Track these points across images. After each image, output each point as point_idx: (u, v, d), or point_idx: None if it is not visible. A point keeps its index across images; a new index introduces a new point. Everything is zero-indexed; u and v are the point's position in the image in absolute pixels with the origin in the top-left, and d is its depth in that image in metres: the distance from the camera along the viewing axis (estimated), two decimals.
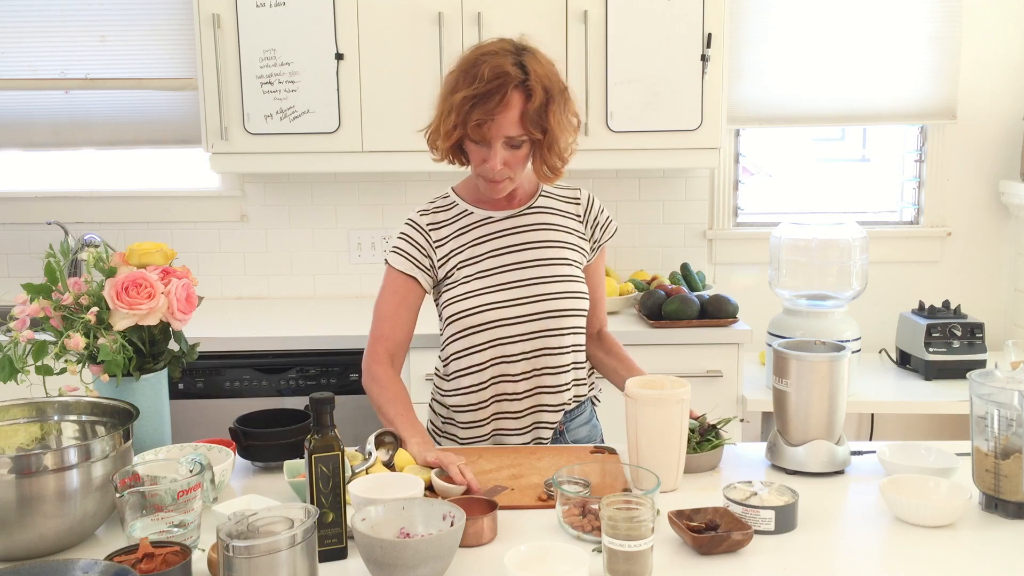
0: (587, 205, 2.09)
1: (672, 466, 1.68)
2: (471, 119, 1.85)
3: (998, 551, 1.48)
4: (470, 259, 2.00)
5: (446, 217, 2.04)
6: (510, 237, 2.01)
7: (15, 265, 3.59)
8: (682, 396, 1.68)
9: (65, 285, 1.77)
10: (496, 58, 1.85)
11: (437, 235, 2.02)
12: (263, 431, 1.83)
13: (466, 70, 1.86)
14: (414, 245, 2.02)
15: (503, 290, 1.97)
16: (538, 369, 2.00)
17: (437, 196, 2.09)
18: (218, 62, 3.12)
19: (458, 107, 1.85)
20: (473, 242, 2.01)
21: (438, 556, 1.34)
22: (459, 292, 1.98)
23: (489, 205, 2.04)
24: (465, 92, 1.84)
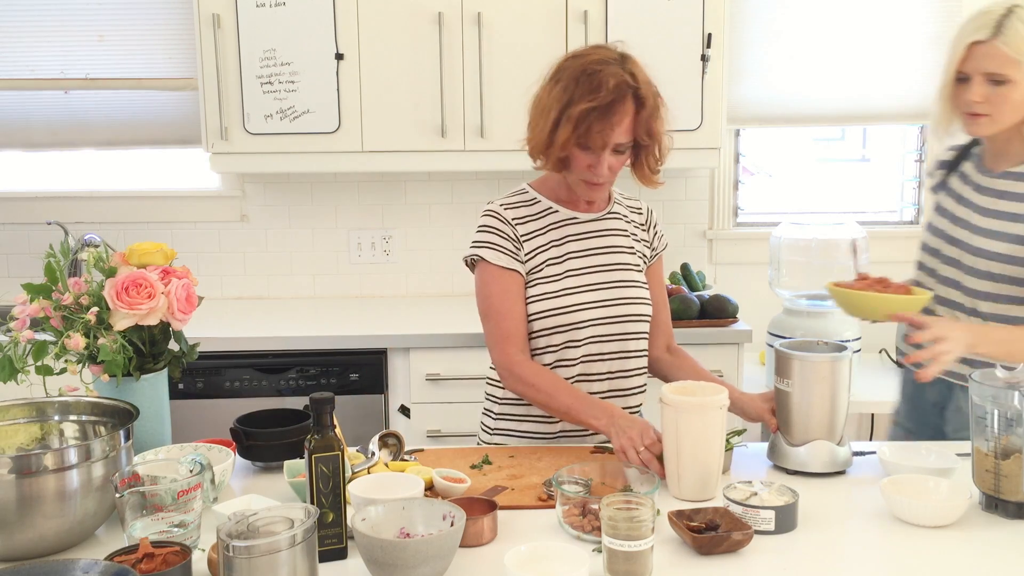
0: (648, 215, 2.16)
1: (713, 473, 1.67)
2: (593, 129, 1.86)
3: (998, 551, 1.48)
4: (558, 257, 2.01)
5: (530, 213, 2.04)
6: (595, 239, 2.04)
7: (15, 265, 3.59)
8: (722, 402, 1.67)
9: (65, 285, 1.77)
10: (611, 67, 1.87)
11: (524, 229, 2.02)
12: (263, 431, 1.83)
13: (580, 80, 1.87)
14: (505, 237, 2.01)
15: (590, 291, 1.99)
16: (613, 372, 2.02)
17: (514, 191, 2.08)
18: (218, 62, 3.12)
19: (578, 118, 1.86)
20: (560, 240, 2.02)
21: (438, 556, 1.34)
22: (549, 289, 1.98)
23: (573, 206, 2.05)
24: (586, 104, 1.85)
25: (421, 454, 1.91)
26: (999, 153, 2.03)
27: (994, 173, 2.03)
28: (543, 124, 1.91)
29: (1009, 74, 1.90)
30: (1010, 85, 1.91)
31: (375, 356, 3.02)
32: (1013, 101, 1.92)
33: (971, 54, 1.92)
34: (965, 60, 1.93)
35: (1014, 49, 1.88)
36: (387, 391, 3.04)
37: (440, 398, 3.02)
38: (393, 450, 1.79)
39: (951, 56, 1.97)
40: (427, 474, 1.68)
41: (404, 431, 2.83)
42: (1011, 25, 1.89)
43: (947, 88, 1.98)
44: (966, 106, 1.95)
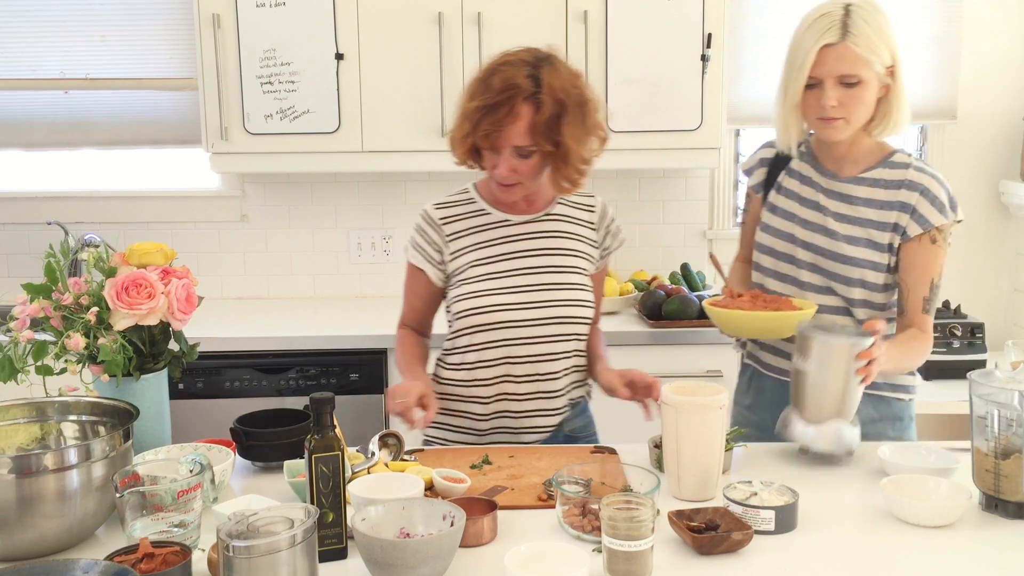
0: (601, 212, 2.13)
1: (713, 474, 1.67)
2: (480, 128, 1.88)
3: (998, 551, 1.48)
4: (484, 259, 2.02)
5: (462, 212, 2.06)
6: (526, 242, 2.04)
7: (15, 265, 3.59)
8: (722, 402, 1.67)
9: (65, 285, 1.77)
10: (511, 69, 1.87)
11: (451, 228, 2.05)
12: (263, 431, 1.83)
13: (482, 79, 1.90)
14: (426, 239, 2.07)
15: (514, 293, 1.99)
16: (541, 374, 2.02)
17: (457, 190, 2.11)
18: (218, 62, 3.12)
19: (470, 115, 1.89)
20: (489, 242, 2.03)
21: (438, 556, 1.34)
22: (472, 290, 2.00)
23: (508, 208, 2.06)
24: (477, 102, 1.87)
25: (421, 454, 1.91)
26: (844, 156, 2.01)
27: (842, 177, 2.02)
28: (454, 125, 1.96)
29: (861, 74, 1.88)
30: (862, 85, 1.89)
31: (375, 356, 3.02)
32: (866, 101, 1.90)
33: (822, 58, 1.88)
34: (816, 65, 1.89)
35: (864, 48, 1.86)
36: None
37: None
38: (393, 450, 1.79)
39: (800, 62, 1.90)
40: (427, 474, 1.68)
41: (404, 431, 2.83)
42: (856, 24, 1.87)
43: (795, 96, 1.93)
44: (819, 111, 1.91)
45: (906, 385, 2.08)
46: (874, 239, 1.98)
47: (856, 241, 1.99)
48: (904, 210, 1.97)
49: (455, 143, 1.97)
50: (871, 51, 1.87)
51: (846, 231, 1.99)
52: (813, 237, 2.02)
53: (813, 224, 2.03)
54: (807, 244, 2.03)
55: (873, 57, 1.87)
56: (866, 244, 1.98)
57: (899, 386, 2.07)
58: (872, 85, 1.90)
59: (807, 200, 2.05)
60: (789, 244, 2.06)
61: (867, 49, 1.87)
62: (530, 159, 1.91)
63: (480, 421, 2.06)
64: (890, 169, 2.01)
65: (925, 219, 1.96)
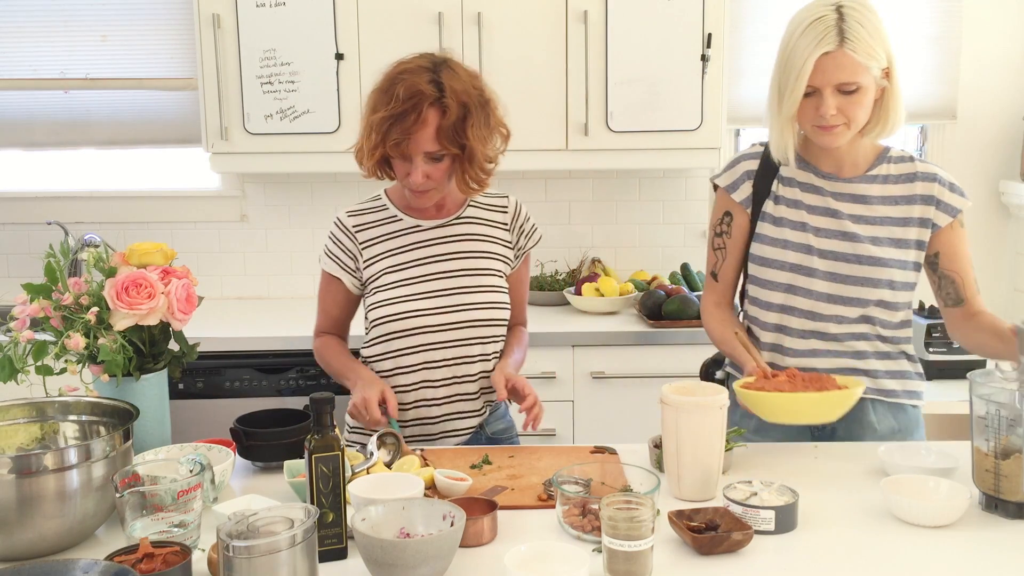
0: (514, 212, 2.14)
1: (713, 474, 1.67)
2: (390, 138, 1.89)
3: (998, 551, 1.48)
4: (397, 265, 2.04)
5: (374, 219, 2.08)
6: (437, 247, 2.06)
7: (15, 265, 3.59)
8: (722, 402, 1.66)
9: (65, 285, 1.77)
10: (412, 76, 1.89)
11: (364, 236, 2.07)
12: (263, 431, 1.83)
13: (384, 90, 1.91)
14: (339, 247, 2.10)
15: (428, 298, 2.01)
16: (458, 377, 2.04)
17: (369, 197, 2.13)
18: (218, 62, 3.12)
19: (377, 127, 1.90)
20: (401, 249, 2.05)
21: (438, 556, 1.34)
22: (386, 297, 2.02)
23: (418, 213, 2.08)
24: (383, 112, 1.88)
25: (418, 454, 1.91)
26: (842, 157, 1.97)
27: (847, 178, 1.98)
28: (361, 139, 1.96)
29: (860, 81, 1.83)
30: (860, 91, 1.84)
31: None
32: (865, 106, 1.86)
33: (820, 67, 1.82)
34: (814, 74, 1.83)
35: (863, 54, 1.81)
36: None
37: None
38: (391, 449, 1.79)
39: (797, 71, 1.84)
40: (428, 474, 1.68)
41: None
42: (852, 28, 1.81)
43: (793, 106, 1.87)
44: (818, 120, 1.87)
45: (919, 391, 2.05)
46: (897, 236, 1.94)
47: (880, 241, 1.94)
48: (928, 203, 1.95)
49: (362, 156, 1.97)
50: (869, 56, 1.82)
51: (868, 232, 1.94)
52: (831, 244, 1.95)
53: (829, 231, 1.96)
54: (825, 252, 1.95)
55: (871, 62, 1.83)
56: (890, 243, 1.94)
57: (914, 392, 2.04)
58: (870, 90, 1.86)
59: (815, 207, 1.98)
60: (804, 255, 1.97)
61: (865, 55, 1.82)
62: (441, 163, 1.93)
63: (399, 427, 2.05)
64: (894, 164, 1.99)
65: (951, 206, 1.95)
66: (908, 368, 2.04)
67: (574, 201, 3.62)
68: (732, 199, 2.06)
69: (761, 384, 1.82)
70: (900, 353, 2.03)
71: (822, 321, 1.98)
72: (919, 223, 1.95)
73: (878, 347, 2.00)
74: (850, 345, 1.99)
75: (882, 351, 2.00)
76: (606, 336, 3.02)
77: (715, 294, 2.12)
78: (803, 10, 1.88)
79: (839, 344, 1.99)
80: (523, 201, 2.19)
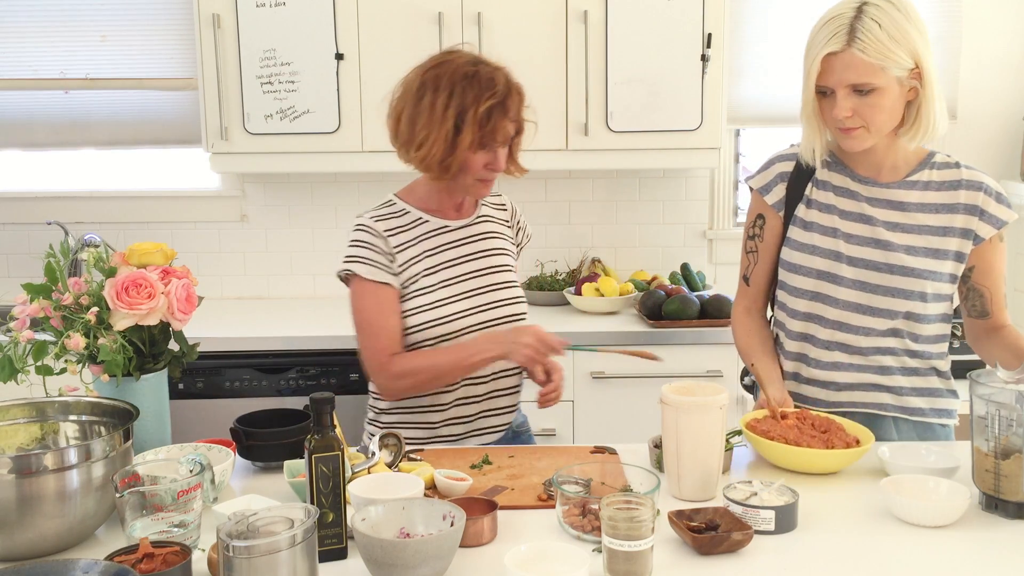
0: (512, 210, 2.18)
1: (713, 474, 1.66)
2: (497, 126, 1.90)
3: (998, 551, 1.48)
4: (432, 268, 2.02)
5: (400, 224, 2.05)
6: (466, 246, 2.06)
7: (15, 265, 3.59)
8: (722, 402, 1.66)
9: (65, 285, 1.77)
10: (485, 66, 1.93)
11: (396, 241, 2.02)
12: (263, 431, 1.83)
13: (468, 82, 1.89)
14: (378, 251, 2.00)
15: (467, 298, 2.01)
16: (496, 373, 2.04)
17: (381, 204, 2.09)
18: (218, 62, 3.12)
19: (482, 118, 1.88)
20: (434, 250, 2.03)
21: (438, 556, 1.34)
22: (427, 301, 2.00)
23: (442, 214, 2.07)
24: (488, 102, 1.88)
25: (421, 455, 1.91)
26: (880, 161, 1.90)
27: (885, 183, 1.91)
28: (437, 135, 1.90)
29: (874, 82, 1.75)
30: (878, 92, 1.76)
31: None
32: (886, 108, 1.78)
33: (828, 67, 1.76)
34: (823, 74, 1.77)
35: (873, 55, 1.73)
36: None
37: None
38: (393, 450, 1.79)
39: (807, 70, 1.79)
40: (428, 473, 1.68)
41: None
42: (867, 28, 1.73)
43: (808, 104, 1.83)
44: (836, 122, 1.80)
45: (950, 410, 1.99)
46: (934, 246, 1.86)
47: (915, 251, 1.86)
48: (972, 212, 1.86)
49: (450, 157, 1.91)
50: (883, 56, 1.73)
51: (903, 240, 1.87)
52: (863, 252, 1.89)
53: (861, 237, 1.90)
54: (855, 260, 1.89)
55: (887, 62, 1.74)
56: (926, 253, 1.86)
57: (944, 411, 1.98)
58: (891, 91, 1.77)
59: (849, 212, 1.91)
60: (832, 262, 1.91)
61: (877, 55, 1.73)
62: (505, 149, 1.97)
63: (429, 429, 2.05)
64: (937, 170, 1.90)
65: (996, 218, 1.87)
66: (939, 386, 1.97)
67: (574, 201, 3.62)
68: (764, 201, 2.02)
69: (768, 427, 1.80)
70: (930, 369, 1.96)
71: (849, 332, 1.93)
72: (961, 234, 1.87)
73: (905, 363, 1.94)
74: (875, 360, 1.93)
75: (910, 367, 1.94)
76: (606, 336, 3.02)
77: (746, 299, 2.09)
78: (830, 8, 1.82)
79: (864, 358, 1.93)
80: (523, 201, 2.21)
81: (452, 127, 1.90)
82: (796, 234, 1.97)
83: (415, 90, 1.95)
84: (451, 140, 1.91)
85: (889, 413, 1.96)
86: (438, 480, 1.66)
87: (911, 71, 1.78)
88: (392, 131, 2.02)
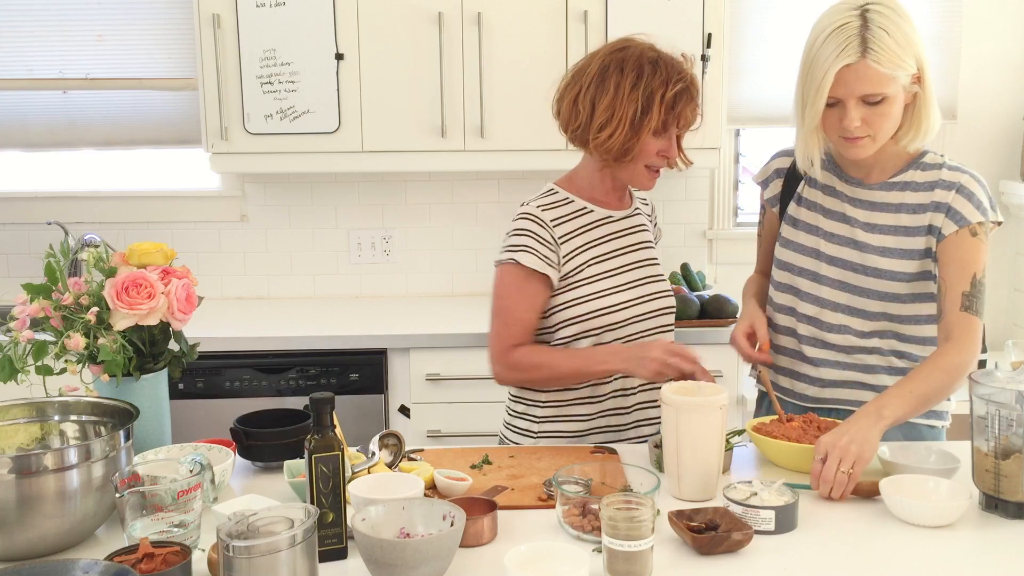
0: (651, 205, 2.21)
1: (713, 473, 1.66)
2: (685, 110, 1.92)
3: (998, 551, 1.48)
4: (598, 257, 2.01)
5: (566, 213, 2.02)
6: (628, 236, 2.06)
7: (15, 265, 3.59)
8: (722, 402, 1.66)
9: (65, 285, 1.77)
10: (669, 54, 1.93)
11: (561, 231, 1.99)
12: (263, 431, 1.83)
13: (654, 68, 1.89)
14: (542, 242, 1.97)
15: (627, 289, 2.01)
16: None
17: (544, 192, 2.06)
18: (218, 62, 3.12)
19: (671, 102, 1.89)
20: (599, 240, 2.03)
21: (438, 556, 1.34)
22: (591, 291, 1.98)
23: (606, 204, 2.06)
24: (677, 87, 1.89)
25: (421, 454, 1.91)
26: (872, 163, 1.90)
27: (868, 184, 1.91)
28: (622, 115, 1.88)
29: (885, 92, 1.74)
30: (887, 101, 1.76)
31: (375, 356, 3.02)
32: (893, 115, 1.78)
33: (841, 79, 1.74)
34: (835, 86, 1.75)
35: (888, 65, 1.72)
36: (387, 391, 3.04)
37: (440, 398, 3.02)
38: (393, 450, 1.79)
39: (818, 84, 1.77)
40: (428, 473, 1.68)
41: (404, 431, 2.83)
42: (877, 37, 1.72)
43: (815, 118, 1.81)
44: (843, 131, 1.79)
45: (939, 411, 1.97)
46: (906, 247, 1.86)
47: (889, 252, 1.87)
48: (938, 209, 1.84)
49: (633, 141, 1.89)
50: (895, 66, 1.73)
51: (878, 242, 1.88)
52: (840, 251, 1.91)
53: (840, 237, 1.92)
54: (834, 259, 1.92)
55: (898, 72, 1.73)
56: (899, 255, 1.87)
57: (932, 412, 1.94)
58: (898, 98, 1.77)
59: (832, 211, 1.94)
60: (813, 260, 1.94)
61: (890, 65, 1.72)
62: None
63: (583, 421, 2.03)
64: (922, 171, 1.89)
65: (960, 215, 1.82)
66: None
67: None
68: (763, 196, 2.11)
69: (771, 428, 1.82)
70: None
71: (832, 332, 1.94)
72: (927, 231, 1.86)
73: (892, 362, 1.93)
74: (860, 358, 1.93)
75: (896, 367, 1.93)
76: None
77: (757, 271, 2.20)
78: (827, 13, 1.80)
79: (848, 356, 1.94)
80: None
81: (639, 109, 1.88)
82: (785, 231, 2.02)
83: (596, 72, 1.92)
84: (636, 122, 1.89)
85: None
86: (438, 480, 1.66)
87: (913, 76, 1.79)
88: (566, 114, 1.97)
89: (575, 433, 2.03)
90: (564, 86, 2.00)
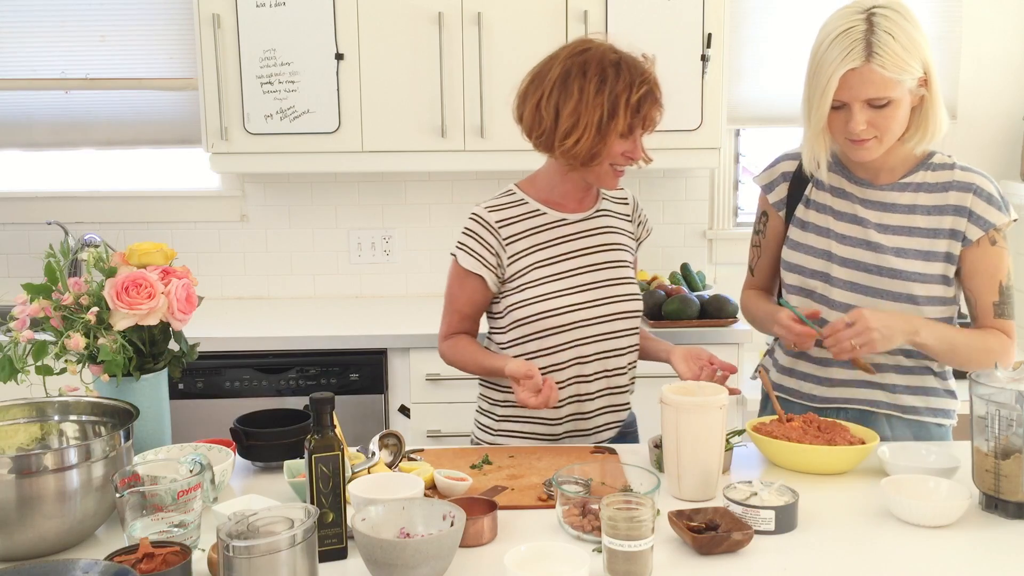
0: (634, 204, 2.16)
1: (713, 474, 1.66)
2: (649, 113, 1.91)
3: (998, 551, 1.48)
4: (546, 260, 2.00)
5: (516, 214, 2.03)
6: (583, 240, 2.04)
7: (15, 265, 3.59)
8: (722, 402, 1.66)
9: (65, 285, 1.77)
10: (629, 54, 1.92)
11: (508, 232, 2.01)
12: (263, 431, 1.83)
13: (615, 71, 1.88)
14: (481, 243, 2.00)
15: (581, 292, 2.00)
16: (608, 370, 2.03)
17: (501, 193, 2.07)
18: (218, 62, 3.12)
19: (635, 106, 1.88)
20: (549, 243, 2.02)
21: (438, 556, 1.34)
22: (538, 293, 1.99)
23: (561, 207, 2.05)
24: (643, 88, 1.88)
25: (421, 454, 1.91)
26: (880, 165, 1.90)
27: (879, 185, 1.92)
28: (587, 121, 1.87)
29: (891, 95, 1.75)
30: (893, 104, 1.76)
31: (375, 356, 3.02)
32: (899, 118, 1.79)
33: (846, 83, 1.75)
34: (840, 89, 1.76)
35: (893, 69, 1.73)
36: (387, 391, 3.04)
37: (440, 398, 3.02)
38: (393, 450, 1.79)
39: (823, 87, 1.77)
40: (428, 473, 1.68)
41: (404, 431, 2.83)
42: (882, 41, 1.72)
43: (820, 121, 1.81)
44: (849, 134, 1.80)
45: (947, 410, 1.98)
46: (924, 248, 1.86)
47: (905, 253, 1.87)
48: (960, 214, 1.85)
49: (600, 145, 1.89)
50: (900, 70, 1.73)
51: (893, 243, 1.88)
52: (853, 253, 1.91)
53: (852, 239, 1.91)
54: (846, 261, 1.91)
55: (904, 76, 1.74)
56: (916, 255, 1.87)
57: (940, 411, 1.97)
58: (904, 101, 1.78)
59: (842, 213, 1.93)
60: (824, 262, 1.94)
61: (895, 69, 1.73)
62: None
63: (553, 425, 2.05)
64: (932, 172, 1.90)
65: (984, 219, 1.84)
66: (935, 385, 1.96)
67: None
68: (767, 199, 2.07)
69: (771, 428, 1.83)
70: (925, 369, 1.95)
71: None
72: (950, 235, 1.86)
73: (900, 361, 1.94)
74: (869, 358, 1.92)
75: (904, 366, 1.94)
76: None
77: (751, 287, 2.17)
78: (834, 16, 1.80)
79: None
80: None
81: (604, 114, 1.87)
82: (794, 233, 2.01)
83: (559, 77, 1.90)
84: (603, 127, 1.88)
85: (882, 411, 1.96)
86: (438, 480, 1.66)
87: (920, 79, 1.79)
88: (529, 120, 1.95)
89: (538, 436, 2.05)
90: (524, 90, 1.98)
